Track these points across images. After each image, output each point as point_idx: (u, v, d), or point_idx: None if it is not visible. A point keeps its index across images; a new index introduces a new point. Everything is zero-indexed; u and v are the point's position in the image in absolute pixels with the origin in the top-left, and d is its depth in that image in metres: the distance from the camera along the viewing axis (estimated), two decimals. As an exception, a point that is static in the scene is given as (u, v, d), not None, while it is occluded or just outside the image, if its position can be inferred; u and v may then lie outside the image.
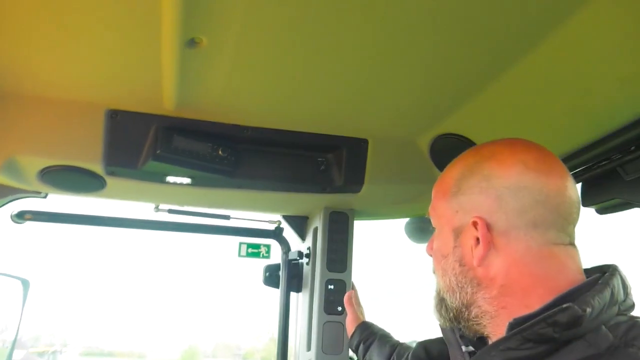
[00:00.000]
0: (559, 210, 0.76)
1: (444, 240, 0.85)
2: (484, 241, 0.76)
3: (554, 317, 0.66)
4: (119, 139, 1.30)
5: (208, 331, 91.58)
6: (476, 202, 0.79)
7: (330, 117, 1.33)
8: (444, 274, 0.84)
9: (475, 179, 0.81)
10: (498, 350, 0.68)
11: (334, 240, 1.62)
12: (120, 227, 1.62)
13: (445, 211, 0.85)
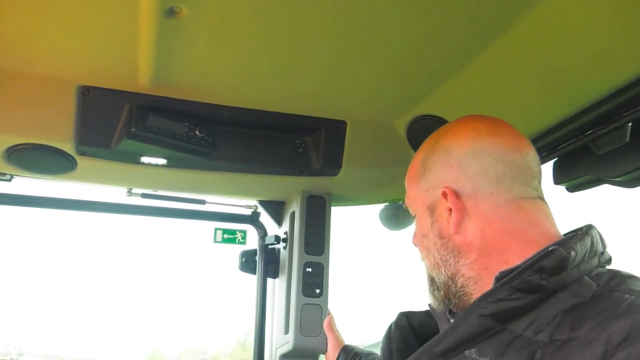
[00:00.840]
0: (518, 165, 0.81)
1: (422, 221, 0.91)
2: (455, 208, 0.81)
3: (540, 262, 0.68)
4: (92, 116, 1.26)
5: (173, 336, 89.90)
6: (441, 175, 0.86)
7: (309, 98, 1.33)
8: (428, 253, 0.88)
9: (436, 156, 0.88)
10: (488, 303, 0.70)
11: (311, 224, 1.62)
12: (91, 211, 1.57)
13: (417, 194, 0.92)
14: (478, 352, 0.68)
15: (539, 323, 0.67)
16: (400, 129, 1.46)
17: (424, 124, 1.41)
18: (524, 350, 0.65)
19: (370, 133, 1.47)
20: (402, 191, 1.71)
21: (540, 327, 0.66)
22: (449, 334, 0.72)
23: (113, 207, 1.60)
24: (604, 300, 0.66)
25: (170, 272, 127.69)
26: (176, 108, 1.30)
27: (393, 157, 1.53)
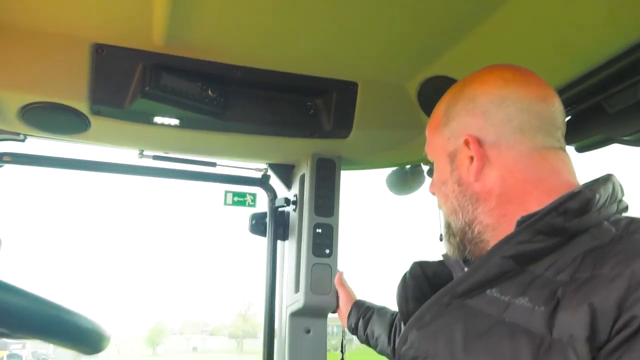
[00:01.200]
0: (543, 115, 0.82)
1: (441, 169, 0.92)
2: (477, 156, 0.82)
3: (564, 204, 0.70)
4: (105, 75, 1.26)
5: (175, 308, 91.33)
6: (464, 123, 0.86)
7: (321, 58, 1.33)
8: (445, 199, 0.90)
9: (461, 104, 0.88)
10: (510, 245, 0.71)
11: (321, 186, 1.64)
12: (103, 171, 1.59)
13: (439, 142, 0.92)
14: (499, 291, 0.70)
15: (559, 265, 0.69)
16: (411, 91, 1.46)
17: (436, 85, 1.41)
18: (545, 289, 0.66)
19: (381, 95, 1.47)
20: (411, 154, 1.75)
21: (560, 269, 0.68)
22: (471, 274, 0.74)
23: (125, 168, 1.61)
24: (624, 242, 0.67)
25: (174, 242, 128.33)
26: (189, 67, 1.30)
27: (403, 119, 1.54)
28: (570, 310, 0.61)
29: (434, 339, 0.72)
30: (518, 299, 0.67)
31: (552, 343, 0.61)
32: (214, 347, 59.14)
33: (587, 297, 0.61)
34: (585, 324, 0.59)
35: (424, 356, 0.72)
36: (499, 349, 0.64)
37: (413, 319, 0.78)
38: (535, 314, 0.64)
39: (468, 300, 0.73)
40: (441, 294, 0.76)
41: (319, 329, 1.67)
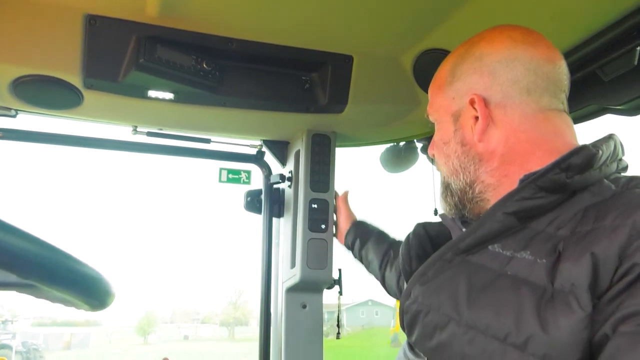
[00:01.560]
0: (550, 76, 0.82)
1: (444, 129, 0.91)
2: (482, 115, 0.82)
3: (568, 160, 0.71)
4: (99, 47, 1.24)
5: (165, 297, 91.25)
6: (471, 82, 0.85)
7: (317, 31, 1.32)
8: (447, 160, 0.90)
9: (468, 63, 0.87)
10: (513, 201, 0.72)
11: (316, 162, 1.64)
12: (96, 147, 1.57)
13: (443, 101, 0.91)
14: (501, 246, 0.71)
15: (560, 220, 0.70)
16: (407, 64, 1.46)
17: (431, 58, 1.41)
18: (547, 243, 0.67)
19: (377, 68, 1.47)
20: (406, 129, 1.75)
21: (561, 224, 0.69)
22: (473, 231, 0.75)
23: (118, 144, 1.59)
24: (625, 196, 0.68)
25: (165, 229, 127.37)
26: (184, 40, 1.28)
27: (398, 94, 1.54)
28: (572, 260, 0.62)
29: (437, 293, 0.73)
30: (520, 253, 0.68)
31: (554, 293, 0.62)
32: (205, 335, 59.33)
33: (589, 247, 0.62)
34: (587, 273, 0.60)
35: (427, 310, 0.73)
36: (503, 301, 0.65)
37: (416, 274, 0.78)
38: (537, 266, 0.65)
39: (470, 256, 0.74)
40: (444, 251, 0.77)
41: (315, 304, 1.68)
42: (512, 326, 0.62)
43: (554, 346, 0.59)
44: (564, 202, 0.72)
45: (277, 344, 1.68)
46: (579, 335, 0.58)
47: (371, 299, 49.81)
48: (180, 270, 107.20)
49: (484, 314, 0.66)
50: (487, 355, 0.64)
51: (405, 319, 0.77)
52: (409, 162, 2.00)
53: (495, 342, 0.63)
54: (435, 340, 0.71)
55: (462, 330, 0.67)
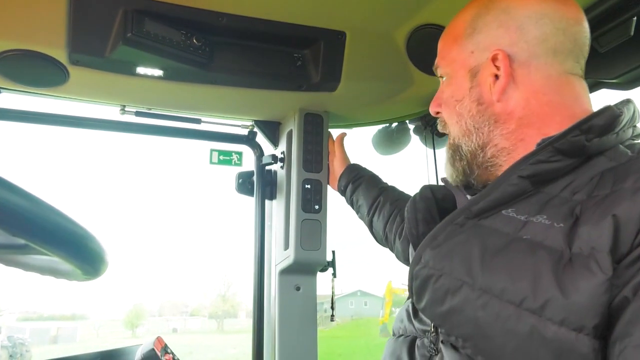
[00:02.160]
0: (577, 39, 0.79)
1: (458, 85, 0.85)
2: (505, 73, 0.78)
3: (589, 121, 0.68)
4: (84, 21, 1.20)
5: (153, 290, 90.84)
6: (495, 36, 0.80)
7: (309, 6, 1.29)
8: (459, 119, 0.85)
9: (493, 15, 0.81)
10: (528, 164, 0.70)
11: (308, 141, 1.62)
12: (83, 127, 1.52)
13: (459, 55, 0.85)
14: (515, 211, 0.69)
15: (575, 185, 0.68)
16: (400, 41, 1.44)
17: (425, 34, 1.40)
18: (563, 207, 0.65)
19: (370, 45, 1.45)
20: (399, 109, 1.74)
21: (577, 189, 0.67)
22: (488, 193, 0.72)
23: (106, 124, 1.55)
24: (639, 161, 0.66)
25: (152, 220, 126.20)
26: (173, 14, 1.25)
27: (392, 72, 1.52)
28: (591, 223, 0.60)
29: (449, 257, 0.70)
30: (536, 217, 0.66)
31: (573, 257, 0.60)
32: (193, 328, 59.27)
33: (610, 209, 0.60)
34: (608, 235, 0.58)
35: (439, 274, 0.70)
36: (519, 265, 0.62)
37: (427, 238, 0.75)
38: (554, 230, 0.63)
39: (483, 220, 0.71)
40: (455, 215, 0.74)
41: (309, 285, 1.67)
42: (528, 290, 0.60)
43: (573, 310, 0.57)
44: (579, 167, 0.70)
45: (271, 326, 1.67)
46: (599, 299, 0.56)
47: (360, 290, 50.12)
48: (168, 263, 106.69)
49: (499, 278, 0.63)
50: (502, 320, 0.61)
51: (414, 285, 0.74)
52: (402, 143, 1.99)
53: (510, 307, 0.61)
54: (446, 305, 0.68)
55: (475, 295, 0.65)
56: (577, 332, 0.56)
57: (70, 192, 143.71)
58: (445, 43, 0.90)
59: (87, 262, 0.53)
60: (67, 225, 0.49)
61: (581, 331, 0.56)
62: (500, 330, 0.62)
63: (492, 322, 0.62)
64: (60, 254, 0.49)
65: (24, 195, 0.43)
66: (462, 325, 0.66)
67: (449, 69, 0.88)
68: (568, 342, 0.57)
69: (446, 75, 0.89)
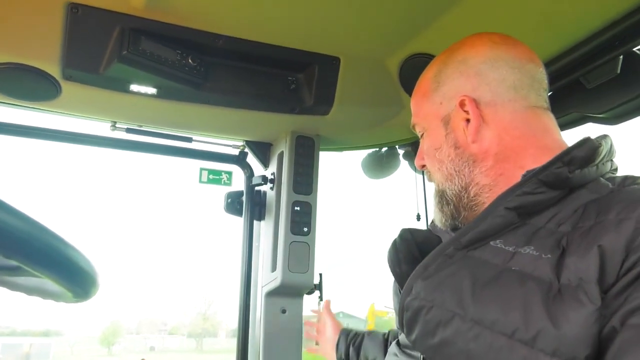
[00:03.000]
0: (533, 75, 0.84)
1: (434, 135, 0.90)
2: (474, 115, 0.82)
3: (570, 153, 0.70)
4: (80, 37, 1.20)
5: (131, 307, 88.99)
6: (458, 85, 0.86)
7: (304, 31, 1.31)
8: (440, 165, 0.88)
9: (452, 67, 0.88)
10: (514, 196, 0.71)
11: (299, 164, 1.62)
12: (74, 142, 1.51)
13: (430, 108, 0.91)
14: (503, 242, 0.70)
15: (560, 217, 0.69)
16: (393, 68, 1.47)
17: (417, 63, 1.42)
18: (550, 238, 0.66)
19: (363, 71, 1.47)
20: (389, 134, 1.76)
21: (561, 220, 0.69)
22: (475, 225, 0.73)
23: (96, 140, 1.54)
24: (623, 193, 0.68)
25: (133, 236, 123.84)
26: (169, 34, 1.25)
27: (384, 98, 1.54)
28: (578, 254, 0.61)
29: (440, 288, 0.70)
30: (523, 248, 0.67)
31: (561, 288, 0.60)
32: (172, 347, 57.99)
33: (595, 241, 0.61)
34: (595, 266, 0.59)
35: (430, 305, 0.70)
36: (509, 295, 0.63)
37: (418, 269, 0.75)
38: (542, 261, 0.64)
39: (472, 251, 0.72)
40: (445, 246, 0.75)
41: (295, 308, 1.66)
42: (520, 321, 0.60)
43: (565, 341, 0.57)
44: (563, 199, 0.71)
45: (255, 348, 1.64)
46: (590, 329, 0.57)
47: (342, 311, 49.72)
48: (148, 279, 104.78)
49: (490, 309, 0.63)
50: (494, 351, 0.61)
51: (405, 317, 0.73)
52: (391, 168, 2.01)
53: (502, 338, 0.61)
54: (437, 337, 0.68)
55: (467, 326, 0.65)
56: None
57: (49, 205, 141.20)
58: (417, 101, 0.95)
59: (78, 285, 0.53)
60: (62, 248, 0.48)
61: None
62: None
63: (485, 353, 0.62)
64: (53, 277, 0.49)
65: (19, 216, 0.42)
66: (454, 358, 0.66)
67: (425, 123, 0.92)
68: None
69: (423, 130, 0.94)
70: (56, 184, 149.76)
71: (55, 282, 0.50)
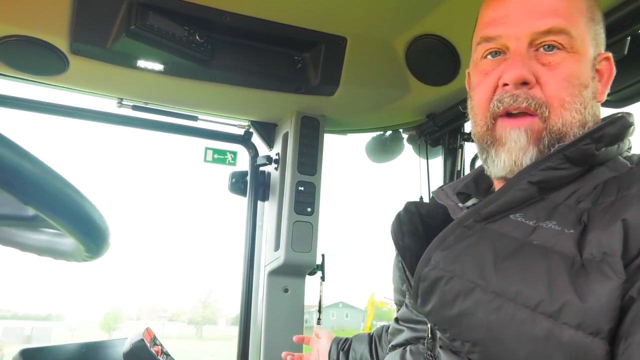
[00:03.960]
0: None
1: (584, 68, 0.75)
2: (610, 76, 0.79)
3: (602, 130, 0.69)
4: (88, 10, 1.20)
5: (132, 293, 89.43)
6: (603, 38, 0.80)
7: (312, 10, 1.31)
8: (581, 107, 0.74)
9: (600, 14, 0.80)
10: (538, 170, 0.70)
11: (304, 144, 1.63)
12: (80, 118, 1.51)
13: (586, 34, 0.76)
14: (524, 216, 0.69)
15: (579, 193, 0.68)
16: (400, 49, 1.46)
17: (424, 44, 1.42)
18: (570, 214, 0.66)
19: (370, 52, 1.47)
20: (394, 117, 1.76)
21: (581, 197, 0.68)
22: (497, 197, 0.72)
23: (102, 116, 1.55)
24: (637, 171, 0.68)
25: (135, 222, 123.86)
26: (177, 9, 1.26)
27: (390, 79, 1.54)
28: (600, 229, 0.61)
29: (460, 259, 0.68)
30: (545, 223, 0.66)
31: (585, 262, 0.60)
32: (172, 334, 58.38)
33: (619, 214, 0.61)
34: (619, 239, 0.59)
35: (450, 276, 0.68)
36: (533, 268, 0.62)
37: (436, 240, 0.73)
38: (565, 236, 0.63)
39: (491, 224, 0.71)
40: (464, 217, 0.74)
41: (297, 288, 1.67)
42: (544, 294, 0.59)
43: (590, 314, 0.56)
44: (582, 176, 0.70)
45: (257, 326, 1.66)
46: (614, 302, 0.56)
47: (342, 301, 49.95)
48: (150, 266, 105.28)
49: (513, 281, 0.62)
50: (516, 324, 0.60)
51: (421, 287, 0.71)
52: (395, 152, 2.01)
53: (525, 311, 0.60)
54: (456, 308, 0.66)
55: (488, 298, 0.63)
56: (594, 336, 0.56)
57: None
58: (571, 9, 0.76)
59: (92, 240, 0.53)
60: (78, 198, 0.49)
61: (597, 335, 0.56)
62: (514, 334, 0.60)
63: (506, 325, 0.61)
64: (69, 227, 0.49)
65: (37, 163, 0.43)
66: (473, 329, 0.64)
67: (578, 44, 0.75)
68: (584, 346, 0.56)
69: (571, 47, 0.74)
70: (51, 159, 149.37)
71: (69, 233, 0.51)
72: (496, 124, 0.77)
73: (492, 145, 0.78)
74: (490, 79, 0.77)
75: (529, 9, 0.74)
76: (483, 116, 0.78)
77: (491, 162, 0.78)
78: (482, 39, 0.79)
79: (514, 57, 0.74)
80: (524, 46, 0.74)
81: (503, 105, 0.75)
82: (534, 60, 0.74)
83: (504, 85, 0.74)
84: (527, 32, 0.74)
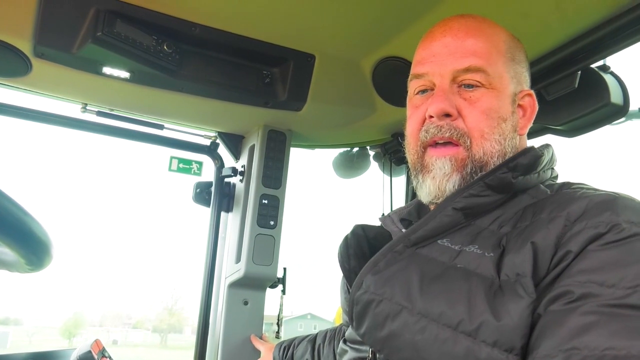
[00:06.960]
0: None
1: (503, 103, 0.82)
2: (532, 111, 0.86)
3: (515, 160, 0.75)
4: (54, 15, 1.19)
5: (94, 299, 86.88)
6: (526, 77, 0.88)
7: (281, 26, 1.33)
8: (501, 138, 0.80)
9: (522, 55, 0.88)
10: (461, 197, 0.76)
11: (270, 157, 1.64)
12: (44, 122, 1.48)
13: (505, 72, 0.83)
14: (450, 241, 0.74)
15: (502, 219, 0.74)
16: (367, 69, 1.49)
17: (390, 66, 1.46)
18: (492, 239, 0.71)
19: (337, 70, 1.49)
20: (360, 134, 1.79)
21: (503, 222, 0.74)
22: (424, 223, 0.76)
23: (66, 121, 1.52)
24: (558, 195, 0.74)
25: (100, 226, 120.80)
26: (146, 19, 1.26)
27: (356, 98, 1.57)
28: (514, 252, 0.66)
29: (389, 282, 0.73)
30: (468, 247, 0.71)
31: (501, 283, 0.65)
32: (135, 341, 56.93)
33: (529, 238, 0.66)
34: (529, 261, 0.64)
35: (379, 299, 0.72)
36: (455, 290, 0.66)
37: (368, 265, 0.78)
38: (485, 259, 0.68)
39: (420, 249, 0.75)
40: (395, 243, 0.78)
41: (257, 300, 1.67)
42: (464, 314, 0.64)
43: (504, 332, 0.61)
44: (506, 203, 0.76)
45: (215, 339, 1.65)
46: (526, 320, 0.61)
47: (310, 313, 49.75)
48: (114, 271, 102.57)
49: (437, 303, 0.67)
50: (439, 343, 0.64)
51: (355, 310, 0.76)
52: (361, 168, 2.04)
53: (447, 330, 0.64)
54: (386, 329, 0.70)
55: (414, 319, 0.68)
56: (508, 352, 0.61)
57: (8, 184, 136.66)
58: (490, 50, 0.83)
59: (33, 253, 0.53)
60: (16, 211, 0.48)
61: (511, 352, 0.61)
62: (437, 352, 0.64)
63: (430, 345, 0.65)
64: (7, 241, 0.49)
65: None
66: (401, 350, 0.68)
67: (495, 81, 0.81)
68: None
69: (488, 83, 0.81)
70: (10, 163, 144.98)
71: (9, 247, 0.51)
72: (425, 152, 0.84)
73: (421, 172, 0.84)
74: (420, 112, 0.85)
75: (452, 50, 0.82)
76: (415, 145, 0.86)
77: (420, 188, 0.85)
78: (412, 75, 0.88)
79: (438, 93, 0.82)
80: (447, 82, 0.82)
81: (429, 135, 0.82)
82: (457, 96, 0.82)
83: (430, 117, 0.82)
84: (450, 70, 0.82)
